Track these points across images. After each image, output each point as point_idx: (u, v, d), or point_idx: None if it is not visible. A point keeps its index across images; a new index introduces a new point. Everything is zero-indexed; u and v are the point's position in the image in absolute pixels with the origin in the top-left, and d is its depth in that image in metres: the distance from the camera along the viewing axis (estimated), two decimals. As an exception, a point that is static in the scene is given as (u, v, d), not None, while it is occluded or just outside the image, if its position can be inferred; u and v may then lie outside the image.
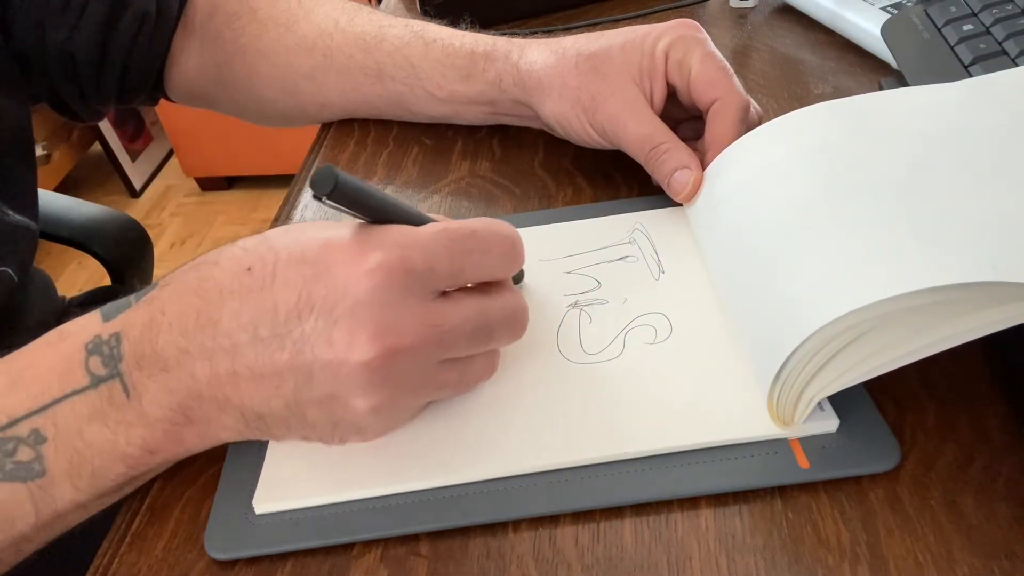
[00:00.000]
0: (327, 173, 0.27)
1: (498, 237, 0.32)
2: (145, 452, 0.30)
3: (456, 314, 0.30)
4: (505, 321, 0.33)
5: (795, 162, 0.36)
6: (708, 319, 0.38)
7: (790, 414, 0.32)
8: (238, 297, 0.29)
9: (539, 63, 0.48)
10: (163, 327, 0.30)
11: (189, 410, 0.30)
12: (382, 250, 0.29)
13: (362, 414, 0.30)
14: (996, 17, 0.43)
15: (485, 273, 0.32)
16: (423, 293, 0.30)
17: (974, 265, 0.27)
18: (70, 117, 0.58)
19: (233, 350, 0.29)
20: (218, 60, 0.55)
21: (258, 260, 0.30)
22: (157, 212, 2.09)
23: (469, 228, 0.31)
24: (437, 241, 0.30)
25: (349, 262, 0.28)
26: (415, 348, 0.29)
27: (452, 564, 0.31)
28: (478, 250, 0.31)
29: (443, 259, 0.30)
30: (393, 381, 0.29)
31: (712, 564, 0.30)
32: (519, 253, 0.33)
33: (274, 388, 0.29)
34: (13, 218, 0.51)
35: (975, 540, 0.29)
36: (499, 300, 0.32)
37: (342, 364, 0.28)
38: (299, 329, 0.28)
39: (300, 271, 0.29)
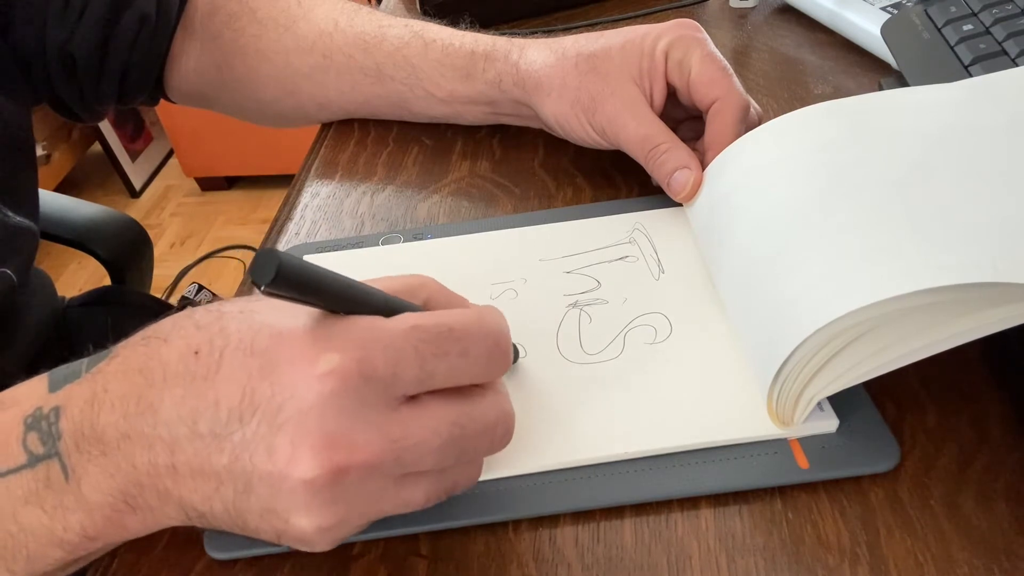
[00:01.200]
0: (267, 257, 0.22)
1: (480, 335, 0.28)
2: (84, 539, 0.28)
3: (422, 426, 0.26)
4: (483, 433, 0.28)
5: (795, 162, 0.36)
6: (708, 319, 0.38)
7: (790, 414, 0.32)
8: (182, 383, 0.26)
9: (539, 63, 0.48)
10: (104, 406, 0.27)
11: (131, 497, 0.27)
12: (339, 351, 0.25)
13: (306, 533, 0.26)
14: (996, 17, 0.43)
15: (462, 378, 0.27)
16: (384, 401, 0.26)
17: (974, 265, 0.27)
18: (70, 117, 0.58)
19: (172, 443, 0.26)
20: (218, 61, 0.55)
21: (207, 343, 0.26)
22: (157, 212, 2.09)
23: (446, 324, 0.27)
24: (406, 341, 0.26)
25: (300, 361, 0.25)
26: (369, 466, 0.25)
27: (452, 564, 0.31)
28: (455, 352, 0.27)
29: (411, 363, 0.26)
30: (342, 501, 0.26)
31: (712, 564, 0.30)
32: (505, 353, 0.29)
33: (213, 490, 0.26)
34: (13, 219, 0.51)
35: (975, 540, 0.29)
36: (478, 407, 0.28)
37: (283, 478, 0.25)
38: (240, 432, 0.25)
39: (246, 364, 0.26)
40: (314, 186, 0.53)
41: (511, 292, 0.41)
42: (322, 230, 0.49)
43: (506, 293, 0.41)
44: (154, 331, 0.28)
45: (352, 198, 0.51)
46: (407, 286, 0.30)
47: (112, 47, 0.52)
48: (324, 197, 0.52)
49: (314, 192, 0.52)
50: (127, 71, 0.54)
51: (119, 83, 0.54)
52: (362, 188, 0.52)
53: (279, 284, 0.23)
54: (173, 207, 2.11)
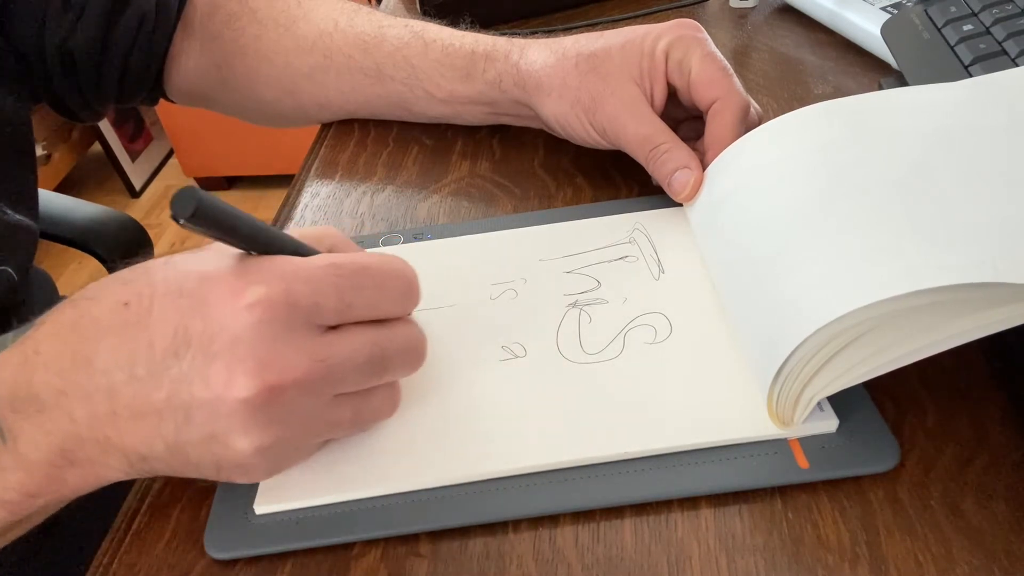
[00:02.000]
0: (187, 195, 0.25)
1: (392, 274, 0.30)
2: (25, 496, 0.29)
3: (345, 346, 0.29)
4: (401, 352, 0.31)
5: (795, 162, 0.36)
6: (708, 319, 0.38)
7: (790, 414, 0.32)
8: (114, 333, 0.28)
9: (539, 63, 0.48)
10: (38, 367, 0.28)
11: (70, 452, 0.28)
12: (263, 284, 0.27)
13: (245, 454, 0.28)
14: (996, 17, 0.43)
15: (377, 311, 0.30)
16: (308, 328, 0.28)
17: (975, 265, 0.27)
18: (69, 117, 0.58)
19: (110, 389, 0.27)
20: (217, 60, 0.55)
21: (135, 295, 0.28)
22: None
23: (360, 263, 0.29)
24: (324, 274, 0.28)
25: (228, 295, 0.27)
26: (300, 383, 0.27)
27: (452, 564, 0.31)
28: (369, 287, 0.30)
29: (330, 294, 0.28)
30: (278, 419, 0.28)
31: (712, 564, 0.30)
32: (414, 291, 0.32)
33: (153, 428, 0.28)
34: (13, 218, 0.51)
35: (975, 540, 0.29)
36: (393, 331, 0.31)
37: (221, 402, 0.27)
38: (176, 367, 0.27)
39: (176, 305, 0.27)
40: (314, 186, 0.53)
41: (511, 292, 0.41)
42: (322, 230, 0.49)
43: (506, 293, 0.41)
44: (80, 294, 0.29)
45: (352, 198, 0.51)
46: (312, 234, 0.32)
47: (112, 46, 0.52)
48: (324, 197, 0.52)
49: (314, 192, 0.52)
50: (126, 70, 0.54)
51: (118, 82, 0.54)
52: (362, 188, 0.52)
53: (197, 219, 0.25)
54: (173, 207, 2.11)
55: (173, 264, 0.29)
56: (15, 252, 0.52)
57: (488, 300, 0.41)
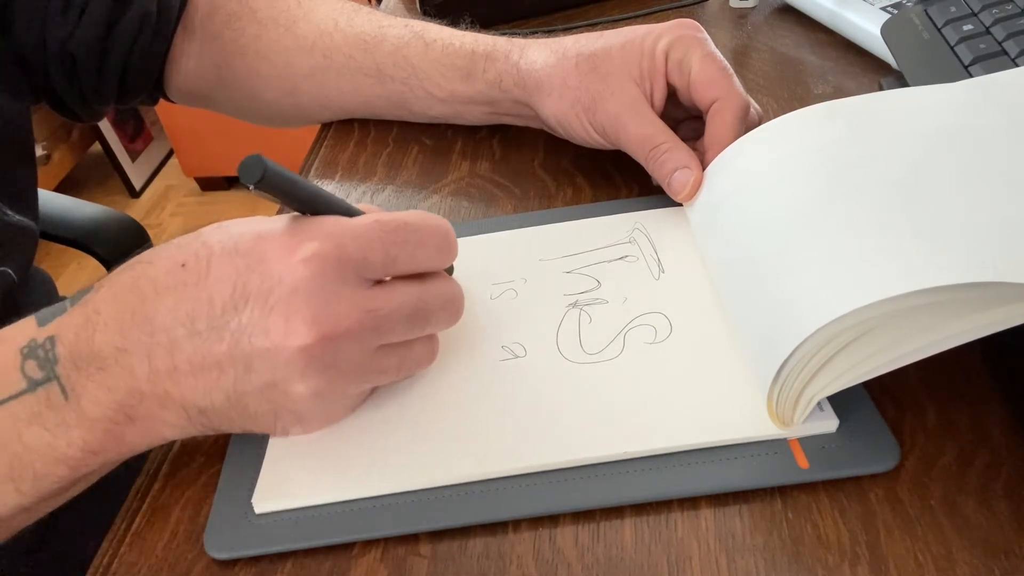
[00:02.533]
0: (255, 162, 0.27)
1: (431, 229, 0.32)
2: (87, 453, 0.30)
3: (392, 299, 0.31)
4: (442, 306, 0.33)
5: (795, 162, 0.36)
6: (708, 319, 0.38)
7: (790, 414, 0.32)
8: (173, 293, 0.29)
9: (539, 63, 0.48)
10: (99, 326, 0.29)
11: (130, 408, 0.30)
12: (316, 240, 0.29)
13: (302, 400, 0.30)
14: (996, 17, 0.43)
15: (419, 264, 0.32)
16: (358, 281, 0.30)
17: (975, 265, 0.27)
18: (70, 117, 0.58)
19: (171, 345, 0.29)
20: (218, 61, 0.55)
21: (192, 256, 0.30)
22: (157, 212, 2.09)
23: (402, 220, 0.32)
24: (370, 231, 0.30)
25: (283, 252, 0.29)
26: (352, 332, 0.29)
27: (452, 564, 0.31)
28: (412, 241, 0.31)
29: (377, 249, 0.30)
30: (332, 366, 0.30)
31: (712, 564, 0.30)
32: (452, 245, 0.34)
33: (214, 380, 0.29)
34: (13, 218, 0.51)
35: (975, 540, 0.29)
36: (435, 287, 0.33)
37: (280, 350, 0.28)
38: (236, 320, 0.29)
39: (234, 263, 0.29)
40: (314, 186, 0.53)
41: (511, 292, 0.41)
42: (322, 230, 0.49)
43: (506, 293, 0.41)
44: (137, 259, 0.31)
45: (352, 198, 0.51)
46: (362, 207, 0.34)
47: (112, 47, 0.52)
48: (324, 197, 0.52)
49: (314, 192, 0.52)
50: (127, 71, 0.54)
51: (119, 83, 0.54)
52: (362, 188, 0.52)
53: (265, 184, 0.27)
54: (173, 207, 2.11)
55: (227, 228, 0.31)
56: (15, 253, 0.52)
57: (488, 300, 0.41)
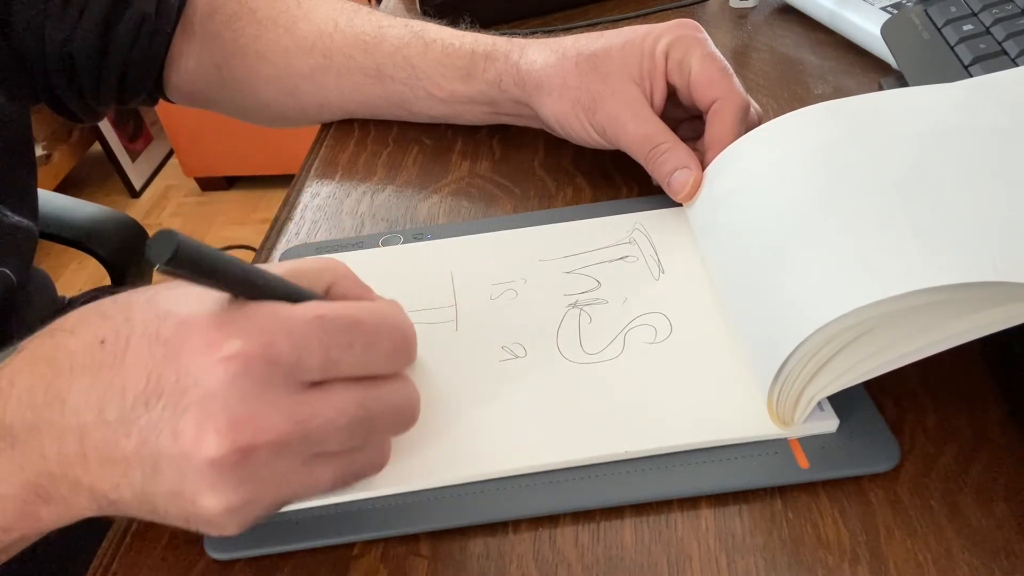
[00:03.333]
0: (166, 237, 0.23)
1: (385, 330, 0.28)
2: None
3: (327, 406, 0.27)
4: (390, 412, 0.29)
5: (795, 162, 0.36)
6: (708, 319, 0.38)
7: (790, 414, 0.32)
8: (89, 373, 0.27)
9: (539, 63, 0.48)
10: (12, 400, 0.27)
11: (42, 489, 0.27)
12: (242, 336, 0.25)
13: (213, 513, 0.26)
14: (996, 17, 0.43)
15: (366, 368, 0.28)
16: (288, 384, 0.26)
17: (975, 265, 0.27)
18: (69, 118, 0.58)
19: (81, 431, 0.26)
20: (217, 61, 0.55)
21: (112, 332, 0.27)
22: (157, 212, 2.09)
23: (352, 318, 0.28)
24: (310, 328, 0.27)
25: (204, 346, 0.25)
26: (274, 444, 0.26)
27: (452, 564, 0.31)
28: (359, 344, 0.28)
29: (314, 351, 0.26)
30: (250, 480, 0.26)
31: (712, 564, 0.30)
32: (409, 348, 0.30)
33: (121, 475, 0.27)
34: (12, 219, 0.51)
35: (975, 540, 0.29)
36: (383, 389, 0.29)
37: (188, 459, 0.25)
38: (146, 416, 0.26)
39: (151, 351, 0.26)
40: (314, 186, 0.53)
41: (511, 292, 0.41)
42: (322, 230, 0.49)
43: (506, 293, 0.41)
44: (60, 324, 0.28)
45: (352, 198, 0.51)
46: (312, 269, 0.30)
47: (111, 47, 0.52)
48: (324, 197, 0.52)
49: (314, 192, 0.52)
50: (126, 71, 0.54)
51: (118, 83, 0.54)
52: (362, 188, 0.52)
53: (176, 263, 0.23)
54: (173, 207, 2.11)
55: (155, 303, 0.27)
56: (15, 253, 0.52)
57: (488, 300, 0.41)
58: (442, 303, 0.41)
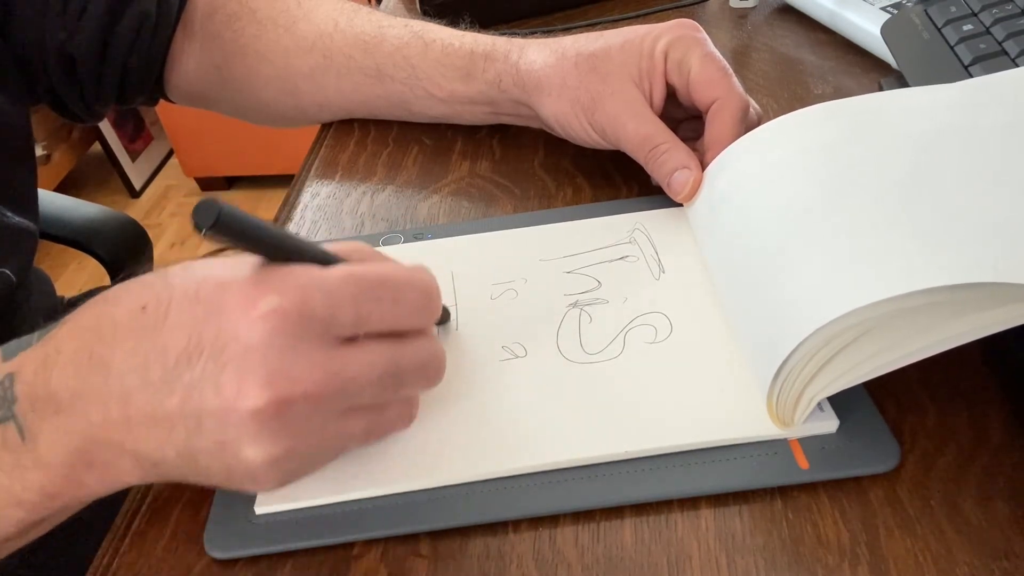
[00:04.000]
0: (208, 206, 0.24)
1: (411, 286, 0.30)
2: (44, 497, 0.29)
3: (360, 360, 0.28)
4: (418, 368, 0.30)
5: (795, 162, 0.36)
6: (708, 319, 0.38)
7: (790, 414, 0.32)
8: (132, 336, 0.27)
9: (539, 63, 0.48)
10: (57, 366, 0.28)
11: (87, 454, 0.28)
12: (279, 293, 0.26)
13: (256, 465, 0.27)
14: (996, 17, 0.43)
15: (395, 323, 0.30)
16: (323, 339, 0.27)
17: (975, 265, 0.27)
18: (70, 118, 0.58)
19: (124, 394, 0.27)
20: (217, 61, 0.55)
21: (153, 298, 0.28)
22: (157, 212, 2.09)
23: (380, 274, 0.29)
24: (342, 286, 0.28)
25: (242, 304, 0.26)
26: (312, 396, 0.27)
27: (452, 564, 0.31)
28: (388, 299, 0.29)
29: (347, 305, 0.28)
30: (289, 431, 0.27)
31: (712, 564, 0.30)
32: (434, 304, 0.31)
33: (165, 435, 0.27)
34: (12, 219, 0.51)
35: (975, 540, 0.29)
36: (411, 347, 0.30)
37: (230, 412, 0.26)
38: (189, 374, 0.26)
39: (192, 312, 0.27)
40: (314, 186, 0.53)
41: (511, 292, 0.41)
42: (322, 230, 0.49)
43: (506, 293, 0.41)
44: (103, 296, 0.29)
45: (352, 198, 0.51)
46: (343, 249, 0.31)
47: (112, 47, 0.52)
48: (324, 197, 0.52)
49: (314, 192, 0.52)
50: (127, 71, 0.54)
51: (119, 83, 0.54)
52: (362, 188, 0.52)
53: (219, 228, 0.25)
54: (173, 207, 2.11)
55: (193, 269, 0.29)
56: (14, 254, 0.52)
57: (488, 300, 0.41)
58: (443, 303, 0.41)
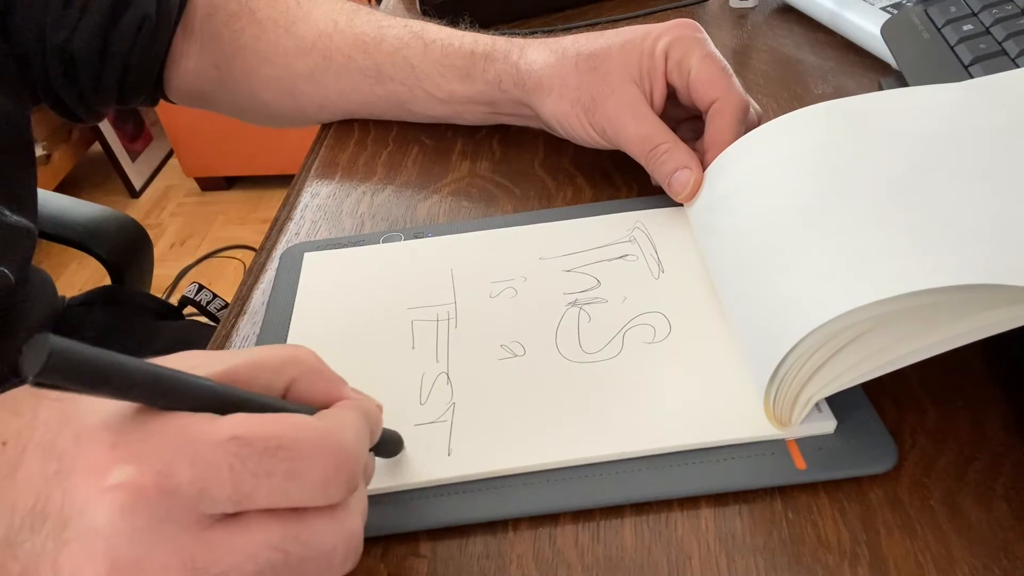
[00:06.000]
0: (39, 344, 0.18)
1: (316, 454, 0.23)
2: None
3: (234, 550, 0.22)
4: (315, 559, 0.24)
5: (794, 162, 0.36)
6: (707, 319, 0.38)
7: (787, 415, 0.32)
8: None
9: (539, 63, 0.48)
10: None
11: None
12: (135, 461, 0.21)
13: None
14: (996, 17, 0.43)
15: (288, 501, 0.23)
16: (189, 519, 0.22)
17: (968, 267, 0.27)
18: (70, 118, 0.58)
19: None
20: (217, 61, 0.55)
21: (15, 435, 0.23)
22: (157, 212, 2.09)
23: (276, 440, 0.23)
24: (221, 454, 0.22)
25: (92, 470, 0.22)
26: None
27: (452, 564, 0.31)
28: (280, 472, 0.23)
29: (223, 481, 0.22)
30: None
31: (712, 564, 0.30)
32: (348, 477, 0.24)
33: None
34: (11, 219, 0.51)
35: (975, 540, 0.29)
36: (311, 528, 0.24)
37: None
38: (30, 542, 0.22)
39: (44, 466, 0.23)
40: (314, 186, 0.53)
41: (511, 290, 0.41)
42: (322, 230, 0.49)
43: (506, 291, 0.41)
44: None
45: (352, 198, 0.51)
46: (274, 361, 0.26)
47: (112, 47, 0.52)
48: (324, 197, 0.52)
49: (314, 192, 0.52)
50: (127, 71, 0.54)
51: (118, 83, 0.54)
52: (362, 188, 0.52)
53: (50, 374, 0.19)
54: (173, 207, 2.11)
55: (66, 403, 0.24)
56: (13, 254, 0.52)
57: (488, 298, 0.41)
58: (442, 300, 0.41)
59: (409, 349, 0.39)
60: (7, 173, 0.52)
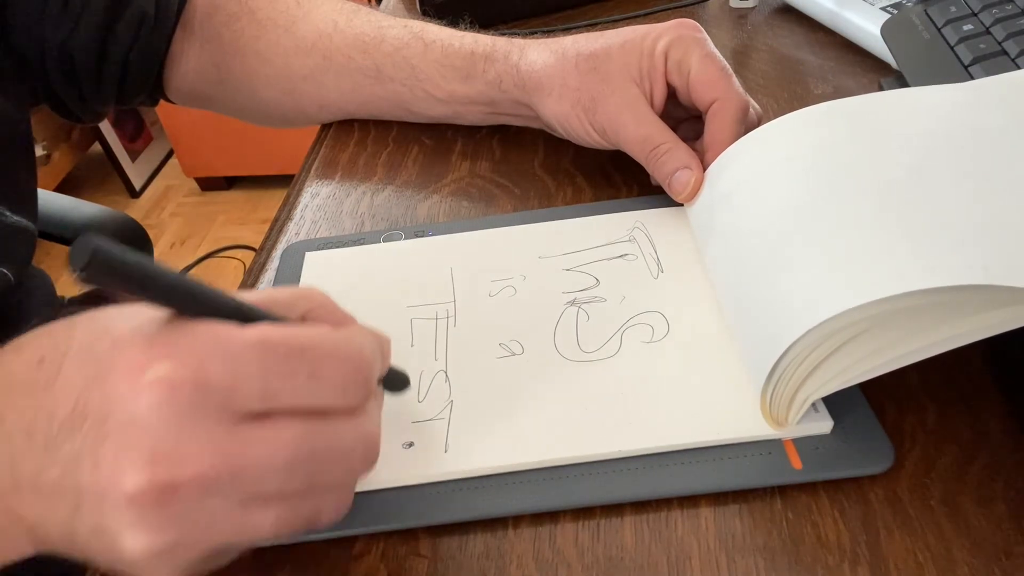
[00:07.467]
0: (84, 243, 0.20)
1: (336, 359, 0.25)
2: None
3: (264, 441, 0.24)
4: (339, 455, 0.25)
5: (794, 163, 0.36)
6: (706, 319, 0.38)
7: (784, 415, 0.32)
8: (25, 393, 0.24)
9: (539, 63, 0.48)
10: None
11: None
12: (172, 358, 0.23)
13: (136, 557, 0.23)
14: (996, 17, 0.43)
15: (312, 400, 0.25)
16: (221, 414, 0.23)
17: (965, 268, 0.27)
18: (69, 118, 0.58)
19: (13, 457, 0.24)
20: (217, 61, 0.55)
21: (52, 349, 0.25)
22: (157, 212, 2.09)
23: (299, 343, 0.24)
24: (249, 354, 0.24)
25: (131, 367, 0.23)
26: (202, 481, 0.23)
27: (452, 564, 0.31)
28: (303, 373, 0.24)
29: (252, 378, 0.23)
30: (174, 521, 0.23)
31: (712, 564, 0.30)
32: (365, 381, 0.26)
33: (49, 509, 0.24)
34: (11, 219, 0.51)
35: (975, 540, 0.29)
36: (332, 428, 0.25)
37: (106, 494, 0.22)
38: (69, 444, 0.23)
39: (83, 371, 0.24)
40: (314, 186, 0.53)
41: (510, 289, 0.41)
42: (322, 230, 0.49)
43: (505, 290, 0.41)
44: (15, 341, 0.26)
45: (352, 198, 0.51)
46: (287, 296, 0.28)
47: (111, 47, 0.52)
48: (324, 197, 0.52)
49: (314, 192, 0.52)
50: (126, 71, 0.54)
51: (118, 83, 0.54)
52: (362, 188, 0.52)
53: (94, 270, 0.21)
54: (173, 207, 2.11)
55: (99, 319, 0.25)
56: (13, 254, 0.52)
57: (487, 297, 0.41)
58: (441, 299, 0.41)
59: (408, 347, 0.39)
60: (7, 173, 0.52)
